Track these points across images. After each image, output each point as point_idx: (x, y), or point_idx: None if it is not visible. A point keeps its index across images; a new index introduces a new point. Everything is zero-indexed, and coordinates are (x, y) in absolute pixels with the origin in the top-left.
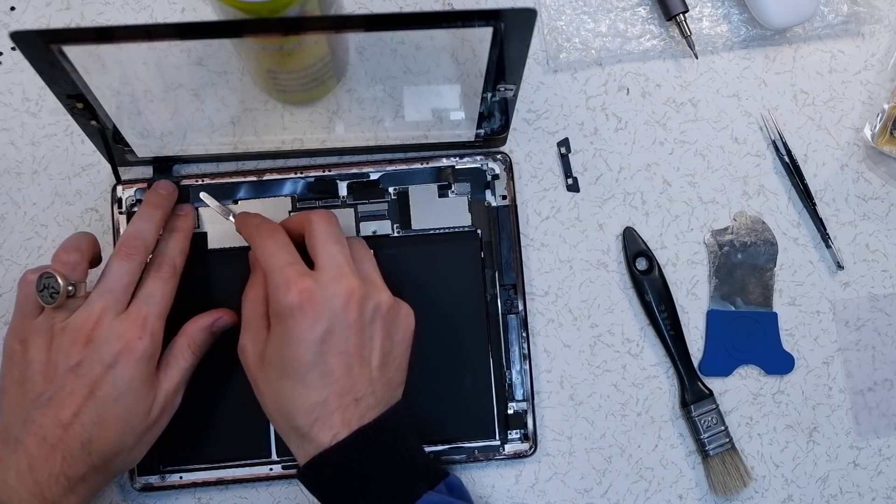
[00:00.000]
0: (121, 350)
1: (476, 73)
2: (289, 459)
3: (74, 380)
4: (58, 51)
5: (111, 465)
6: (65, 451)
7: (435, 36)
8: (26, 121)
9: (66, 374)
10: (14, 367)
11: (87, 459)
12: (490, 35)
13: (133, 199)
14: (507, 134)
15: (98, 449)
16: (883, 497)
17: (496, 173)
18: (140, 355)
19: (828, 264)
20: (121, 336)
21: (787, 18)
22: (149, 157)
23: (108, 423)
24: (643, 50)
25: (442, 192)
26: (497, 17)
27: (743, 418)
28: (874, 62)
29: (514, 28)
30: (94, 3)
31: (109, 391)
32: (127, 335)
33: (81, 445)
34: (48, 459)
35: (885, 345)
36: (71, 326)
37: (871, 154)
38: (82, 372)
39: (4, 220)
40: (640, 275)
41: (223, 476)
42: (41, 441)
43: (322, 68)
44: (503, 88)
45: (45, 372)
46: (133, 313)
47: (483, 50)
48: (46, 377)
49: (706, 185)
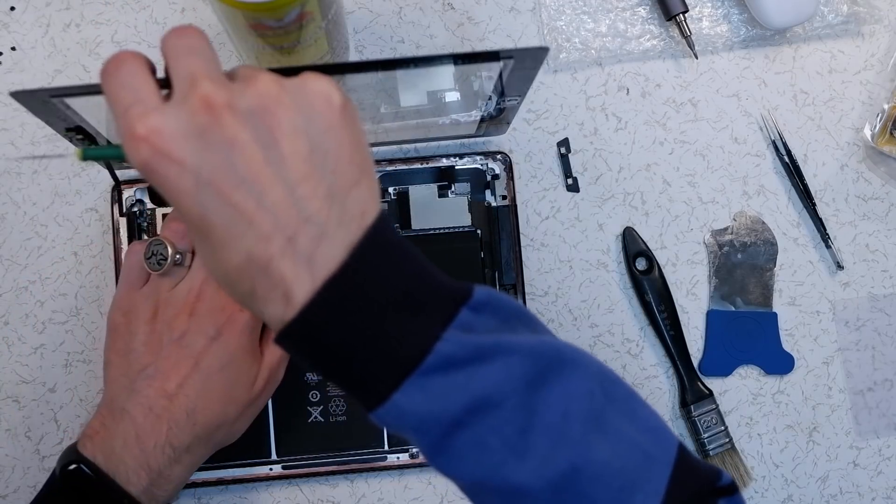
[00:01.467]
0: (224, 322)
1: (476, 70)
2: (289, 459)
3: (178, 351)
4: (59, 102)
5: (215, 436)
6: (170, 421)
7: (434, 35)
8: (26, 121)
9: (170, 346)
10: (118, 339)
11: (191, 429)
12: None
13: (133, 198)
14: (507, 128)
15: (203, 419)
16: (883, 497)
17: (496, 173)
18: (242, 326)
19: (828, 264)
20: (223, 308)
21: (787, 18)
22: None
23: (212, 393)
24: (643, 50)
25: (442, 192)
26: (508, 56)
27: (743, 418)
28: (874, 62)
29: (525, 62)
30: (94, 4)
31: (213, 362)
32: (229, 307)
33: (187, 415)
34: (154, 429)
35: (885, 345)
36: (174, 299)
37: (871, 154)
38: (186, 343)
39: (4, 220)
40: (639, 275)
41: (223, 476)
42: (147, 411)
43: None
44: (507, 100)
45: (149, 343)
46: None
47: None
48: (151, 349)
49: (706, 185)
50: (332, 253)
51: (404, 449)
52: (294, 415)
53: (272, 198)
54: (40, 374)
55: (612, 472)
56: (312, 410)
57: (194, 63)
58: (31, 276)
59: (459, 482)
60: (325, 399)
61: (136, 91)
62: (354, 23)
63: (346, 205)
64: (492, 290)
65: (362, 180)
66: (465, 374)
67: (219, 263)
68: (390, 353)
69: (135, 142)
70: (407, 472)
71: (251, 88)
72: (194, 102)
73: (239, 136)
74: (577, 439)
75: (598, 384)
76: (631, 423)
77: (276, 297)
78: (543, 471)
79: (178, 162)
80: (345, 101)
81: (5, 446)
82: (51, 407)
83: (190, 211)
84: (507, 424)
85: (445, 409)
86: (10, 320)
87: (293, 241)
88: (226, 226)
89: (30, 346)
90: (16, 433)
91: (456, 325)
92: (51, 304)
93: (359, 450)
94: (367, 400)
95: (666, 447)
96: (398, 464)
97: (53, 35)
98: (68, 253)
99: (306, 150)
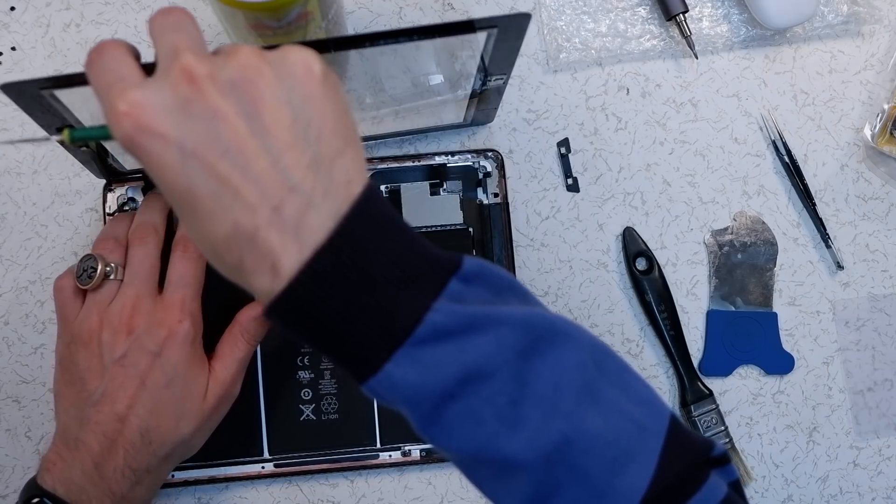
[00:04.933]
0: (164, 336)
1: (459, 48)
2: (281, 457)
3: (123, 372)
4: (49, 95)
5: (173, 454)
6: (125, 444)
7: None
8: (26, 121)
9: (113, 368)
10: (64, 370)
11: (148, 449)
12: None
13: (125, 196)
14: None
15: (157, 438)
16: (883, 497)
17: (488, 171)
18: (183, 338)
19: (828, 264)
20: (161, 323)
21: (787, 18)
22: (138, 167)
23: (162, 410)
24: (643, 50)
25: (434, 190)
26: (492, 24)
27: (743, 418)
28: (874, 62)
29: (508, 31)
30: (94, 3)
31: (159, 378)
32: (167, 321)
33: (141, 436)
34: (111, 454)
35: (885, 345)
36: (109, 319)
37: (871, 154)
38: (129, 363)
39: (4, 220)
40: (640, 275)
41: (215, 475)
42: (101, 437)
43: None
44: (494, 78)
45: (93, 369)
46: (168, 298)
47: (483, 49)
48: (96, 374)
49: (706, 185)
50: (319, 223)
51: (397, 447)
52: (286, 413)
53: (257, 167)
54: (40, 374)
55: (605, 442)
56: (304, 408)
57: (177, 38)
58: (31, 276)
59: (452, 454)
60: (318, 397)
61: (117, 71)
62: (354, 23)
63: (331, 174)
64: (483, 261)
65: (347, 150)
66: (457, 344)
67: (206, 236)
68: (381, 323)
69: (117, 117)
70: (407, 472)
71: (232, 60)
72: (176, 74)
73: (221, 107)
74: (570, 410)
75: (590, 356)
76: (623, 395)
77: (264, 269)
78: (536, 442)
79: (162, 135)
80: (326, 70)
81: (5, 446)
82: (51, 407)
83: (175, 184)
84: (498, 395)
85: (437, 380)
86: (10, 320)
87: (279, 211)
88: (211, 197)
89: (30, 346)
90: (16, 433)
91: (446, 296)
92: (51, 304)
93: (351, 447)
94: (358, 372)
95: (658, 418)
96: (390, 461)
97: (53, 35)
98: (68, 253)
99: (289, 119)
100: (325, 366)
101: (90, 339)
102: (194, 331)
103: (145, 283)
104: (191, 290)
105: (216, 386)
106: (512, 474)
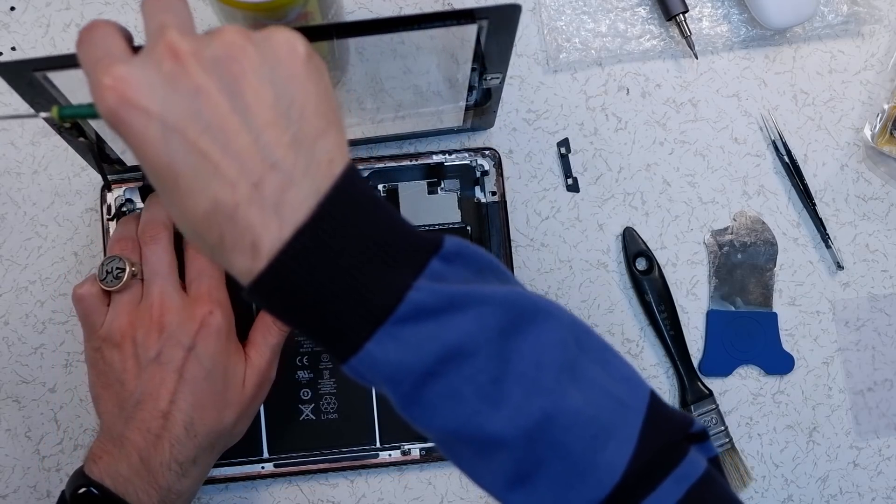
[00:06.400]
0: (196, 330)
1: (454, 48)
2: (280, 457)
3: (161, 369)
4: (42, 77)
5: (218, 444)
6: (170, 438)
7: (435, 36)
8: (26, 120)
9: (150, 367)
10: (100, 373)
11: (193, 442)
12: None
13: (122, 198)
14: (494, 119)
15: (202, 429)
16: (883, 497)
17: (485, 170)
18: (216, 329)
19: (828, 264)
20: (192, 316)
21: (787, 18)
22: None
23: (204, 402)
24: (643, 50)
25: (431, 189)
26: (482, 16)
27: (743, 418)
28: (874, 62)
29: (500, 23)
30: (94, 3)
31: (197, 371)
32: (197, 314)
33: (185, 430)
34: (156, 448)
35: (885, 345)
36: (140, 320)
37: (871, 154)
38: (165, 360)
39: (4, 220)
40: (640, 275)
41: (215, 475)
42: (146, 433)
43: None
44: (490, 77)
45: (129, 370)
46: (195, 292)
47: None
48: (133, 374)
49: (706, 185)
50: (299, 201)
51: (396, 446)
52: (285, 413)
53: (237, 144)
54: (40, 374)
55: (586, 419)
56: (304, 408)
57: (165, 17)
58: (31, 276)
59: (433, 433)
60: (317, 397)
61: (105, 48)
62: None
63: (312, 153)
64: (463, 241)
65: (329, 130)
66: (438, 323)
67: (186, 213)
68: (362, 302)
69: (101, 91)
70: (406, 472)
71: (217, 39)
72: (160, 50)
73: (204, 84)
74: (551, 388)
75: (570, 334)
76: (604, 372)
77: (244, 247)
78: (517, 419)
79: (144, 109)
80: (310, 51)
81: (5, 446)
82: (51, 407)
83: (156, 159)
84: (480, 374)
85: (418, 359)
86: (10, 320)
87: (259, 187)
88: (192, 173)
89: (30, 346)
90: (16, 433)
91: (427, 275)
92: (51, 304)
93: (351, 447)
94: (340, 351)
95: (638, 395)
96: (390, 461)
97: (53, 35)
98: (68, 253)
99: (271, 98)
100: (324, 365)
101: (123, 340)
102: (226, 320)
103: (168, 280)
104: (214, 281)
105: (253, 373)
106: (493, 452)
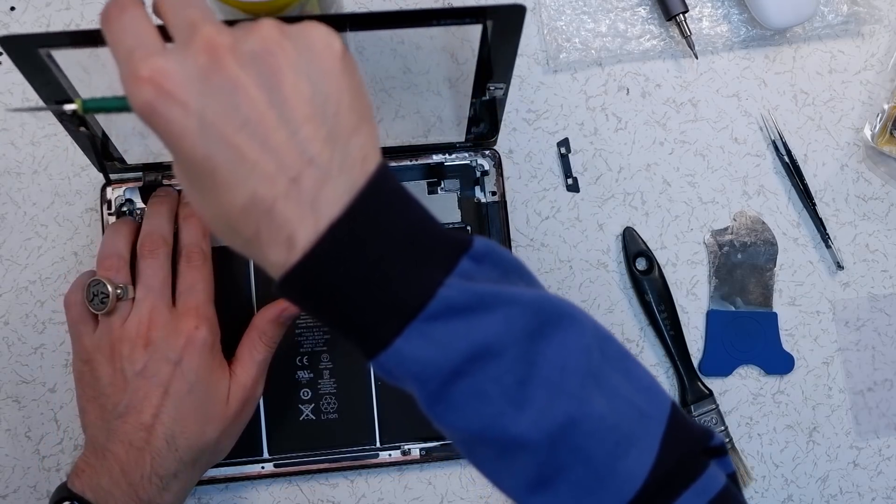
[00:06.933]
0: (182, 344)
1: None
2: (280, 457)
3: (146, 383)
4: (46, 55)
5: (200, 459)
6: (152, 452)
7: (435, 35)
8: (26, 121)
9: (136, 380)
10: (86, 386)
11: (174, 456)
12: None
13: (122, 198)
14: (497, 137)
15: (183, 444)
16: (883, 497)
17: (485, 169)
18: (201, 344)
19: (828, 264)
20: (178, 331)
21: (787, 18)
22: (139, 163)
23: (187, 416)
24: (643, 50)
25: (431, 189)
26: (484, 14)
27: (743, 418)
28: (874, 62)
29: (503, 25)
30: (95, 3)
31: (181, 386)
32: (184, 329)
33: (167, 443)
34: (138, 462)
35: (885, 345)
36: (127, 334)
37: (871, 154)
38: (150, 374)
39: (4, 220)
40: (640, 275)
41: (215, 475)
42: (128, 446)
43: None
44: (493, 87)
45: (115, 384)
46: (182, 307)
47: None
48: (118, 388)
49: (706, 185)
50: (335, 197)
51: (396, 446)
52: (285, 413)
53: (275, 139)
54: (40, 374)
55: (608, 426)
56: (304, 408)
57: (193, 12)
58: (31, 276)
59: (456, 434)
60: (317, 397)
61: (139, 35)
62: None
63: (347, 149)
64: (491, 241)
65: (363, 126)
66: (467, 321)
67: (222, 207)
68: (393, 298)
69: (138, 83)
70: (406, 472)
71: (253, 33)
72: (198, 45)
73: (241, 79)
74: (575, 393)
75: (594, 340)
76: (626, 381)
77: (279, 241)
78: (541, 422)
79: (182, 103)
80: (344, 48)
81: (5, 446)
82: (51, 407)
83: (193, 153)
84: (506, 374)
85: (446, 357)
86: (10, 320)
87: (297, 183)
88: (229, 167)
89: (30, 346)
90: (16, 433)
91: (458, 273)
92: (51, 304)
93: (351, 447)
94: (368, 347)
95: (660, 405)
96: (390, 460)
97: None
98: (68, 253)
99: (308, 93)
100: (324, 365)
101: (110, 354)
102: (212, 336)
103: (160, 296)
104: (203, 296)
105: (238, 389)
106: (515, 454)
